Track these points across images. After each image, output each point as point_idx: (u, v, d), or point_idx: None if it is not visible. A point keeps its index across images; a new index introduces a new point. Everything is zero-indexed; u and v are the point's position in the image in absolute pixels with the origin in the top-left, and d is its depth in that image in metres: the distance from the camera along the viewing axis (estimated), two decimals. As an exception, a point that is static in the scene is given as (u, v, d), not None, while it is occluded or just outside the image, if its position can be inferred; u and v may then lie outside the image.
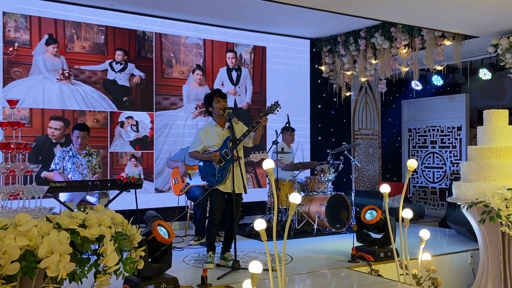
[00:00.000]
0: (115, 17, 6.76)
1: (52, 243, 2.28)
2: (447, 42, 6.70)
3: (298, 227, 6.52)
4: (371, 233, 5.16)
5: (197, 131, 4.95)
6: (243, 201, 6.10)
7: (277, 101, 4.74)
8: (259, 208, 7.47)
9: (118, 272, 2.62)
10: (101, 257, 2.50)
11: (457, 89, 9.87)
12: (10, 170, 2.75)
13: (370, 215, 5.02)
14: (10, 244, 2.20)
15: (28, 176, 2.84)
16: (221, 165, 4.65)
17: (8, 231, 2.27)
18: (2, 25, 6.04)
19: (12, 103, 2.97)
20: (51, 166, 5.47)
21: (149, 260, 3.69)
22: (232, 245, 4.52)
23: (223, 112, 4.69)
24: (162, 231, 3.71)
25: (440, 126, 9.23)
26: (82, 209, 2.68)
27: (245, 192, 4.66)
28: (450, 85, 9.62)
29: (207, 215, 5.51)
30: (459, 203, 4.65)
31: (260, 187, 7.84)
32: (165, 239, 3.69)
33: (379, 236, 5.08)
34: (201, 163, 4.81)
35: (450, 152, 9.04)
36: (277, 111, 4.75)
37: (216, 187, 4.68)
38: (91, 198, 5.31)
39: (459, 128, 8.91)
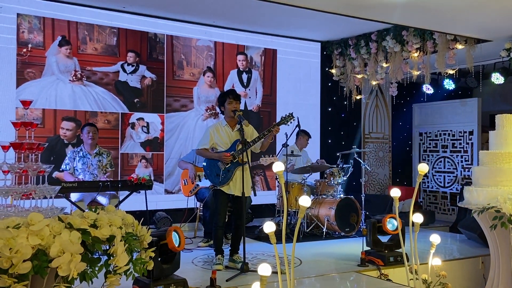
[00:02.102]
0: (127, 19, 6.81)
1: (63, 243, 2.30)
2: (459, 46, 6.65)
3: (307, 230, 6.50)
4: (379, 237, 5.12)
5: (207, 128, 4.96)
6: (252, 204, 6.14)
7: (292, 113, 4.77)
8: (268, 211, 7.47)
9: (128, 273, 2.63)
10: (111, 257, 2.52)
11: (469, 93, 9.79)
12: (23, 170, 2.78)
13: (392, 226, 4.96)
14: (22, 243, 2.22)
15: (41, 176, 2.86)
16: (227, 166, 4.67)
17: (20, 230, 2.29)
18: (16, 26, 6.11)
19: (26, 103, 3.00)
20: (62, 166, 5.52)
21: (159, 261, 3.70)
22: (241, 247, 4.52)
23: (233, 114, 4.70)
24: (175, 238, 3.72)
25: (451, 131, 9.16)
26: (93, 210, 2.70)
27: (255, 195, 4.66)
28: (462, 89, 9.55)
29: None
30: (470, 208, 4.61)
31: (270, 190, 7.84)
32: (176, 248, 3.68)
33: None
34: (205, 162, 4.81)
35: (462, 156, 8.97)
36: (291, 122, 4.79)
37: (219, 187, 4.69)
38: (102, 199, 5.34)
39: (471, 133, 8.84)
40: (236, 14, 6.86)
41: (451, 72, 7.28)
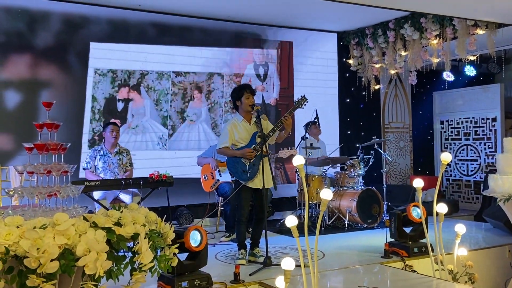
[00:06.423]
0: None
1: (89, 242, 2.33)
2: (480, 31, 6.50)
3: (329, 223, 6.48)
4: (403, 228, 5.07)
5: (224, 126, 4.90)
6: (272, 197, 6.12)
7: (304, 95, 4.73)
8: (289, 204, 7.46)
9: (153, 269, 2.66)
10: (136, 255, 2.54)
11: (491, 79, 9.59)
12: (47, 170, 2.82)
13: (417, 213, 4.90)
14: (49, 243, 2.26)
15: (64, 176, 2.90)
16: (251, 161, 4.65)
17: (47, 230, 2.33)
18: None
19: (48, 105, 3.04)
20: (82, 165, 5.59)
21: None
22: (263, 241, 4.52)
23: (251, 108, 4.68)
24: (194, 239, 3.73)
25: (473, 118, 8.99)
26: (116, 208, 2.73)
27: (275, 189, 4.65)
28: (484, 75, 9.36)
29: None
30: (495, 197, 4.53)
31: (290, 183, 7.82)
32: (193, 248, 3.71)
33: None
34: (228, 161, 4.77)
35: (485, 144, 8.80)
36: (305, 105, 4.75)
37: (247, 183, 4.67)
38: (124, 197, 5.39)
39: (494, 119, 8.66)
40: (251, 7, 6.82)
41: (472, 58, 7.13)
